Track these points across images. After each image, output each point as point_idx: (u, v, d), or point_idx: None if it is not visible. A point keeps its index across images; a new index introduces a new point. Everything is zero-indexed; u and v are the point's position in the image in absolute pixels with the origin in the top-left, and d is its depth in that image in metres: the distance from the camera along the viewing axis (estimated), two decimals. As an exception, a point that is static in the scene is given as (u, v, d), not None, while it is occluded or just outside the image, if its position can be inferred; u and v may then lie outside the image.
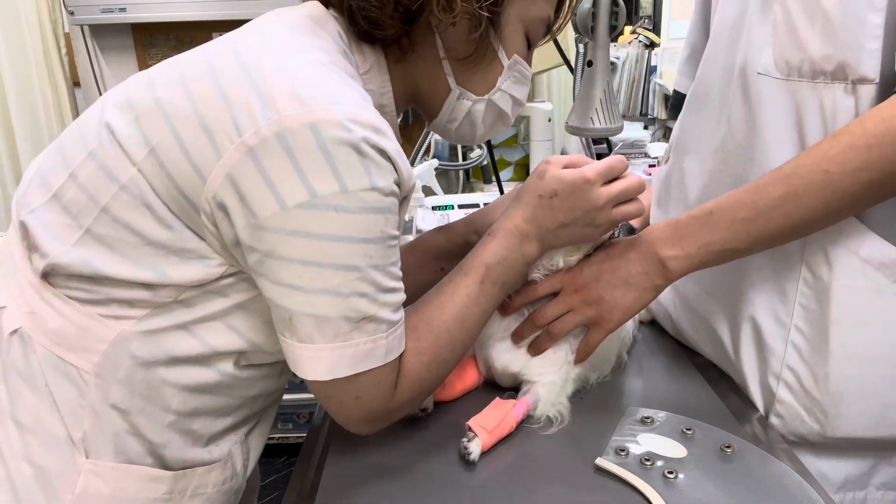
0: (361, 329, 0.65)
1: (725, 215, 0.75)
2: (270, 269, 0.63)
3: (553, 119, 2.40)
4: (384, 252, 0.65)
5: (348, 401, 0.68)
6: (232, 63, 0.64)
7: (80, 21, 2.67)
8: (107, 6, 2.63)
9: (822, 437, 0.79)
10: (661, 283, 0.78)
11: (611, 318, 0.80)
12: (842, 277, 0.76)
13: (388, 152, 0.63)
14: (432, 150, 2.14)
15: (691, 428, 0.77)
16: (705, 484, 0.69)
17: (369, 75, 0.74)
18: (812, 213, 0.71)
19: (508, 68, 0.78)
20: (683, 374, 0.92)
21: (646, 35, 2.77)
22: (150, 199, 0.64)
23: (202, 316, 0.68)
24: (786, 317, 0.80)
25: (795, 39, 0.74)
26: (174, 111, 0.63)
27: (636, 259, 0.79)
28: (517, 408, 0.79)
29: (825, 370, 0.77)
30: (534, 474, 0.73)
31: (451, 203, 1.70)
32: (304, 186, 0.60)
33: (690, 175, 0.90)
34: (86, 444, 0.67)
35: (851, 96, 0.72)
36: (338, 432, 0.80)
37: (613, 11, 0.82)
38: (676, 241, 0.77)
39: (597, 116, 0.84)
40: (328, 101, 0.61)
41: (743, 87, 0.80)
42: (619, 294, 0.79)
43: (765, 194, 0.73)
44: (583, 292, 0.81)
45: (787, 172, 0.72)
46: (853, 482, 0.82)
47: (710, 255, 0.76)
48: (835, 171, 0.69)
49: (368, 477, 0.73)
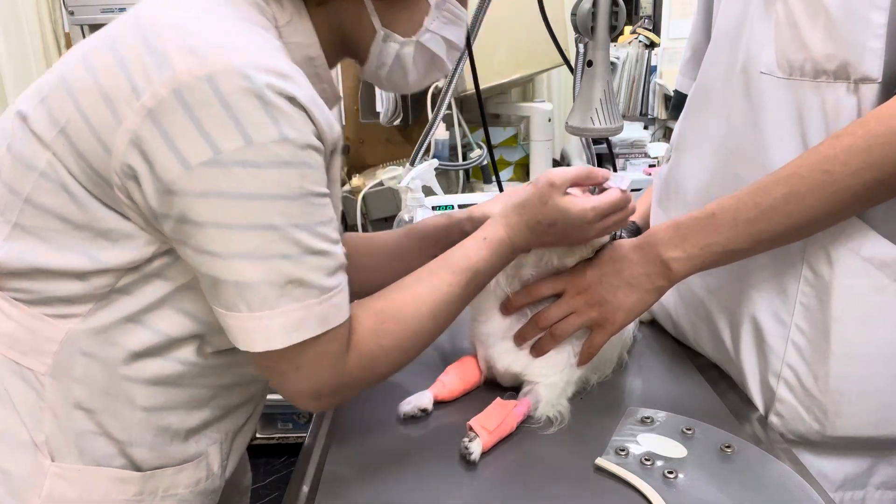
0: (289, 295, 0.61)
1: (727, 216, 0.75)
2: (187, 236, 0.60)
3: (553, 119, 2.40)
4: (307, 210, 0.61)
5: (290, 371, 0.65)
6: (129, 28, 0.62)
7: (81, 21, 2.67)
8: (107, 6, 2.63)
9: (821, 436, 0.79)
10: (663, 284, 0.79)
11: (614, 319, 0.80)
12: (843, 276, 0.76)
13: (298, 99, 0.60)
14: (432, 150, 2.14)
15: (691, 428, 0.77)
16: (705, 484, 0.69)
17: (291, 27, 0.70)
18: (814, 214, 0.71)
19: (436, 7, 0.75)
20: (683, 374, 0.92)
21: (646, 35, 2.77)
22: (68, 181, 0.62)
23: (148, 304, 0.66)
24: (786, 316, 0.80)
25: (798, 38, 0.74)
26: (77, 85, 0.62)
27: (639, 261, 0.79)
28: (518, 408, 0.79)
29: (825, 369, 0.77)
30: (534, 474, 0.73)
31: (451, 203, 1.70)
32: (207, 143, 0.57)
33: (691, 174, 0.90)
34: (49, 446, 0.66)
35: (854, 95, 0.72)
36: (338, 432, 0.81)
37: (613, 11, 0.82)
38: (679, 243, 0.77)
39: (597, 116, 0.84)
40: (225, 51, 0.58)
41: (744, 86, 0.80)
42: (623, 295, 0.79)
43: (767, 195, 0.73)
44: (586, 294, 0.81)
45: (788, 173, 0.72)
46: (852, 481, 0.82)
47: (713, 256, 0.76)
48: (836, 171, 0.69)
49: (368, 477, 0.73)
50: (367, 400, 0.89)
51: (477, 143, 2.35)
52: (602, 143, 2.00)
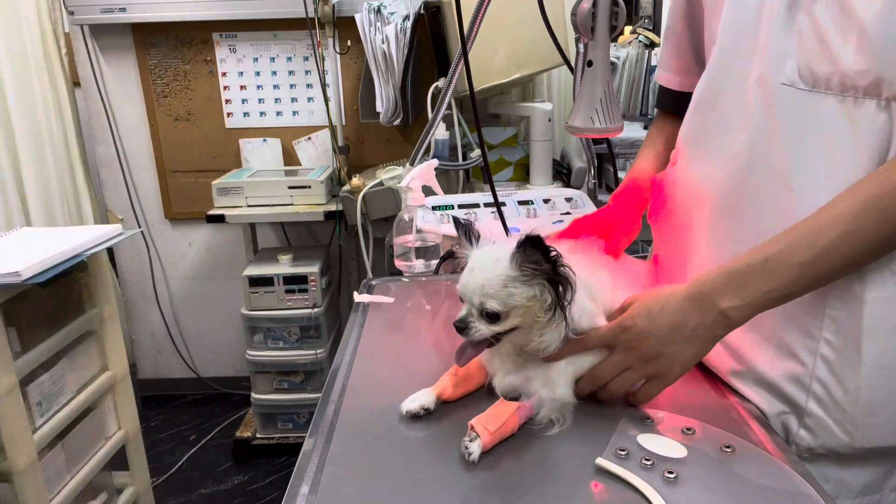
0: None
1: (783, 260, 0.73)
2: None
3: (553, 119, 2.40)
4: None
5: None
6: None
7: (80, 21, 2.68)
8: (107, 6, 2.63)
9: (850, 448, 0.79)
10: (722, 333, 0.76)
11: (671, 372, 0.78)
12: (874, 289, 0.75)
13: None
14: (432, 149, 2.14)
15: (692, 428, 0.77)
16: (705, 484, 0.69)
17: None
18: (871, 250, 0.71)
19: None
20: (684, 375, 0.91)
21: (646, 35, 2.77)
22: None
23: None
24: (815, 329, 0.79)
25: (825, 51, 0.72)
26: None
27: (693, 312, 0.76)
28: (520, 409, 0.79)
29: (857, 382, 0.76)
30: (534, 474, 0.73)
31: (451, 203, 1.70)
32: None
33: (706, 181, 0.89)
34: None
35: (885, 112, 0.71)
36: (338, 431, 0.80)
37: (613, 11, 0.82)
38: (736, 291, 0.74)
39: (597, 116, 0.84)
40: None
41: (764, 97, 0.79)
42: (678, 349, 0.77)
43: (822, 235, 0.71)
44: (640, 349, 0.78)
45: (842, 210, 0.71)
46: (871, 486, 0.82)
47: (772, 302, 0.74)
48: (889, 206, 0.69)
49: (369, 476, 0.73)
50: (368, 398, 0.89)
51: (477, 143, 2.35)
52: (602, 143, 2.01)
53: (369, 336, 1.08)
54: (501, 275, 0.76)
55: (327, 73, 2.68)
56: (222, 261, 3.07)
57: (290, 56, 2.79)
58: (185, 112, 2.85)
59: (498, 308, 0.76)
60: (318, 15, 2.55)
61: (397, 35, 2.31)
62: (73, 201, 2.83)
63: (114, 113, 2.86)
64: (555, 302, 0.76)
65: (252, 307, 2.57)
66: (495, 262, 0.77)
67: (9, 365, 1.52)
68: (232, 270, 2.91)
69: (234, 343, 3.11)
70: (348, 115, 2.79)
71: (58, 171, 2.74)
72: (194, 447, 2.84)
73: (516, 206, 1.67)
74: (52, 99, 2.72)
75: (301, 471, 0.75)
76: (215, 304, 3.10)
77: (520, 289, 0.76)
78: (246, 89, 2.83)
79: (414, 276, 1.37)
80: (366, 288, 1.29)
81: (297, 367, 2.63)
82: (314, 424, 0.83)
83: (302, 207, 2.58)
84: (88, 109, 2.85)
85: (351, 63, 2.75)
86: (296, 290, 2.57)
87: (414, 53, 2.35)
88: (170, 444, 2.87)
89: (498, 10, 1.61)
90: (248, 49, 2.78)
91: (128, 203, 2.95)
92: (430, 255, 1.38)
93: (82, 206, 2.89)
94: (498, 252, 0.78)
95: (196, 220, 2.94)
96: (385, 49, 2.33)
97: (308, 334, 2.62)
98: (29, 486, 1.57)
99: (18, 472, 1.55)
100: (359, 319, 1.14)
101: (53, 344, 1.70)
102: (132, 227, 2.93)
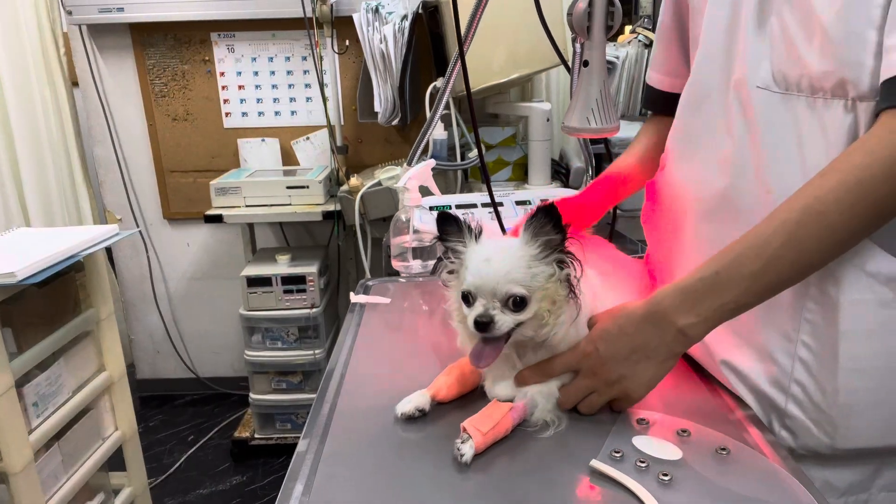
0: None
1: (733, 272, 0.73)
2: None
3: (551, 119, 2.40)
4: None
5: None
6: None
7: (79, 21, 2.67)
8: (105, 6, 2.63)
9: (831, 449, 0.79)
10: (681, 350, 0.77)
11: (636, 393, 0.79)
12: (849, 293, 0.75)
13: None
14: (430, 149, 2.13)
15: (687, 430, 0.77)
16: (700, 486, 0.69)
17: None
18: (816, 256, 0.71)
19: None
20: (679, 376, 0.91)
21: (645, 34, 2.76)
22: None
23: None
24: (792, 332, 0.79)
25: (793, 54, 0.73)
26: None
27: (652, 332, 0.76)
28: (513, 410, 0.79)
29: (834, 384, 0.77)
30: (528, 477, 0.72)
31: (449, 203, 1.69)
32: None
33: (694, 181, 0.89)
34: None
35: (851, 113, 0.71)
36: (333, 432, 0.80)
37: (609, 11, 0.82)
38: (690, 308, 0.74)
39: (593, 117, 0.84)
40: None
41: (741, 100, 0.79)
42: (641, 369, 0.78)
43: (766, 245, 0.71)
44: (602, 373, 0.79)
45: (783, 219, 0.71)
46: (857, 486, 0.82)
47: (727, 314, 0.74)
48: (829, 210, 0.68)
49: (362, 477, 0.73)
50: (363, 399, 0.88)
51: (475, 143, 2.34)
52: (600, 143, 2.00)
53: (365, 337, 1.08)
54: (524, 256, 0.76)
55: (325, 73, 2.68)
56: (221, 261, 3.06)
57: (289, 56, 2.78)
58: (184, 112, 2.84)
59: (524, 292, 0.76)
60: (316, 15, 2.55)
61: (395, 35, 2.30)
62: (71, 201, 2.83)
63: (112, 113, 2.85)
64: (568, 278, 0.77)
65: (250, 307, 2.57)
66: (510, 248, 0.78)
67: (4, 365, 1.51)
68: (230, 270, 2.91)
69: (232, 343, 3.10)
70: (346, 114, 2.79)
71: (56, 170, 2.73)
72: (193, 447, 2.83)
73: (514, 207, 1.67)
74: (51, 99, 2.72)
75: (295, 471, 0.75)
76: (214, 305, 3.09)
77: (540, 267, 0.76)
78: (244, 89, 2.82)
79: (411, 276, 1.37)
80: (362, 288, 1.29)
81: (296, 368, 2.63)
82: (309, 425, 0.83)
83: (300, 207, 2.58)
84: (87, 109, 2.85)
85: (349, 63, 2.75)
86: (294, 291, 2.56)
87: (412, 53, 2.35)
88: (168, 444, 2.87)
89: (496, 10, 1.60)
90: (247, 49, 2.78)
91: (126, 203, 2.95)
92: (427, 255, 1.38)
93: (81, 206, 2.89)
94: (507, 241, 0.78)
95: (194, 220, 2.93)
96: (383, 49, 2.32)
97: (306, 334, 2.62)
98: (25, 488, 1.57)
99: (14, 474, 1.54)
100: (355, 320, 1.14)
101: (49, 344, 1.69)
102: (131, 226, 2.92)
